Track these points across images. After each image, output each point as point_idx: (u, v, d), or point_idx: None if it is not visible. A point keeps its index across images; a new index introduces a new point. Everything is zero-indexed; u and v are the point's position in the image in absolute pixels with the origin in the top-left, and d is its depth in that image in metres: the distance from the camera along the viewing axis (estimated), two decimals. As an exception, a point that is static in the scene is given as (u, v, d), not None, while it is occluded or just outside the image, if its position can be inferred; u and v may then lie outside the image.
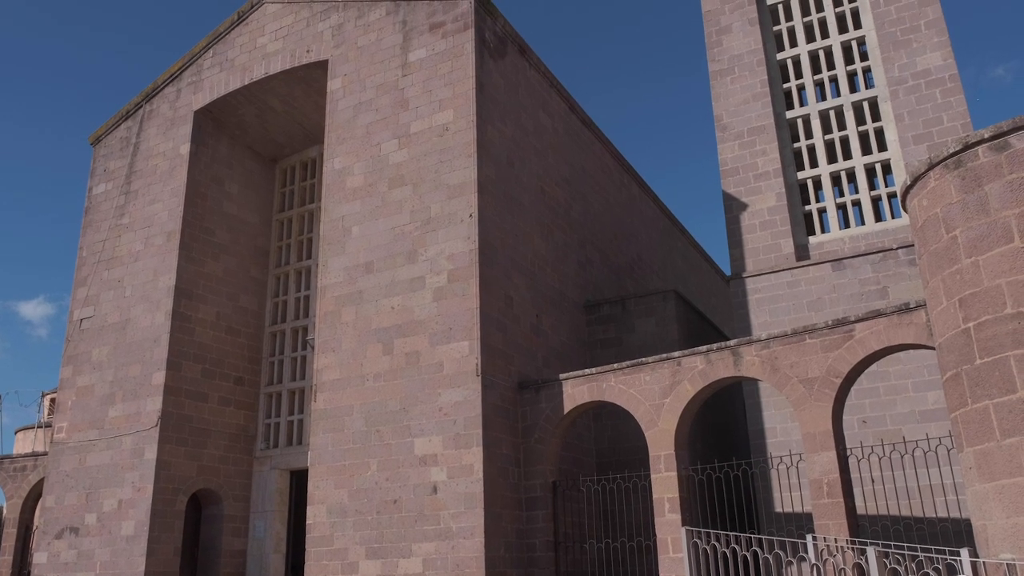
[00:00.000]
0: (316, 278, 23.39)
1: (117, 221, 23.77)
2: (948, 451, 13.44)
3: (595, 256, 23.94)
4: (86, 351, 22.71)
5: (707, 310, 32.67)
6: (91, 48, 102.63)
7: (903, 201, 11.93)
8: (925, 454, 14.32)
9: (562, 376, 17.61)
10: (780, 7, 24.67)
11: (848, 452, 14.25)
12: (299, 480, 22.19)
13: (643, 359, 16.47)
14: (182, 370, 21.41)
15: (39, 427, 39.13)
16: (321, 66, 21.82)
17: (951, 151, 10.64)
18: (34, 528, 25.99)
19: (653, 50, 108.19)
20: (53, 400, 41.43)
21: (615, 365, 16.87)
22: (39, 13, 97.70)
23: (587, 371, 17.32)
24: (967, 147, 10.46)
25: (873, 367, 17.24)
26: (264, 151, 25.28)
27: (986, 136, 10.27)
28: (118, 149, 24.88)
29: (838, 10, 23.85)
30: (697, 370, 15.70)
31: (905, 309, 13.61)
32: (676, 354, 16.12)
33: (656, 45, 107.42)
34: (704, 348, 15.85)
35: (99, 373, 22.16)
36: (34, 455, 26.85)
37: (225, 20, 24.07)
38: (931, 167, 10.94)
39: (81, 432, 21.82)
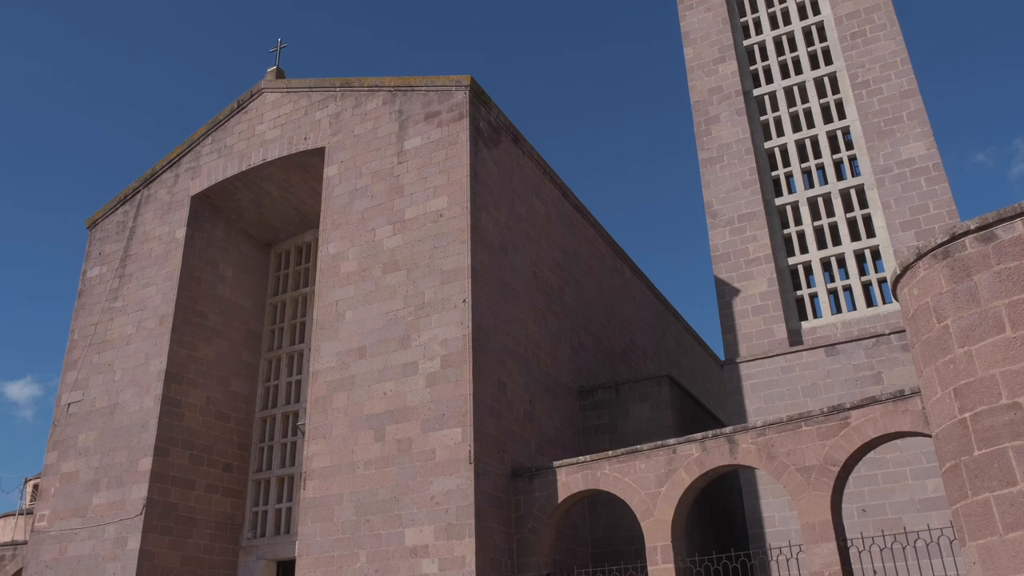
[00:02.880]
0: (308, 363, 23.25)
1: (110, 304, 23.74)
2: (951, 542, 13.17)
3: (589, 341, 23.92)
4: (72, 436, 22.33)
5: (701, 394, 32.49)
6: (89, 134, 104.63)
7: (894, 290, 12.01)
8: (927, 545, 14.03)
9: (556, 464, 17.34)
10: (766, 98, 25.37)
11: (849, 543, 13.95)
12: (286, 571, 21.53)
13: (638, 447, 16.26)
14: (170, 456, 21.03)
15: (20, 514, 38.14)
16: (318, 153, 22.21)
17: (939, 241, 10.78)
18: (9, 622, 25.00)
19: (645, 134, 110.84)
20: (36, 486, 40.53)
21: (609, 452, 16.65)
22: (46, 96, 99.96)
23: (581, 459, 17.06)
24: (954, 237, 10.60)
25: (871, 454, 17.05)
26: (259, 235, 25.48)
27: (972, 227, 10.42)
28: (114, 233, 25.05)
29: (822, 101, 24.54)
30: (693, 458, 15.49)
31: (900, 396, 13.55)
32: (671, 441, 15.93)
33: (648, 130, 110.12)
34: (699, 435, 15.68)
35: (85, 459, 21.75)
36: (13, 544, 26.06)
37: (225, 108, 24.61)
38: (920, 257, 11.06)
39: (63, 520, 21.26)
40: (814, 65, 25.50)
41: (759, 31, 26.73)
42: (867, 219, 22.96)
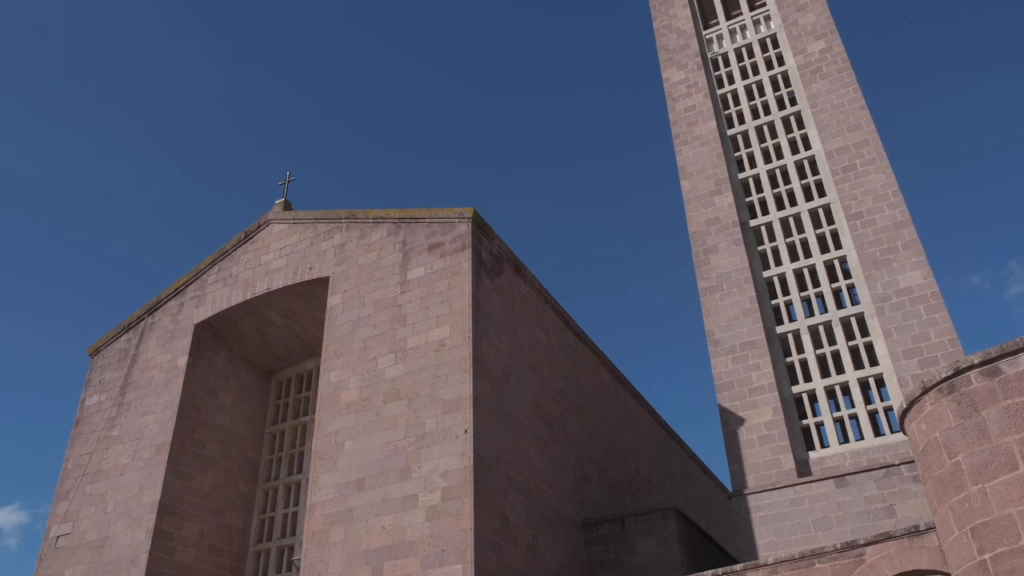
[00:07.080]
0: (306, 494, 22.70)
1: (107, 433, 23.41)
2: None
3: (592, 471, 23.43)
4: (59, 572, 21.51)
5: (709, 526, 31.58)
6: (95, 262, 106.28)
7: (901, 423, 11.88)
8: None
9: (560, 603, 16.64)
10: (763, 228, 25.91)
11: None
12: None
13: (645, 585, 15.66)
14: (158, 594, 20.19)
15: (-3, 655, 36.25)
16: (322, 282, 22.47)
17: (943, 376, 10.74)
18: None
19: (646, 259, 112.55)
20: (16, 623, 38.67)
21: (616, 592, 16.01)
22: (54, 217, 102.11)
23: (587, 598, 16.39)
24: (958, 372, 10.57)
25: (888, 594, 16.36)
26: (261, 363, 25.43)
27: (976, 361, 10.41)
28: (116, 360, 25.01)
29: (818, 232, 25.03)
30: (703, 598, 14.88)
31: (916, 532, 13.14)
32: (680, 580, 15.36)
33: (649, 255, 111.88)
34: (709, 573, 15.13)
35: (69, 597, 20.86)
36: None
37: (232, 238, 25.10)
38: (925, 391, 11.00)
39: (42, 664, 20.20)
40: (808, 197, 26.19)
41: (753, 165, 27.60)
42: (869, 347, 22.98)
